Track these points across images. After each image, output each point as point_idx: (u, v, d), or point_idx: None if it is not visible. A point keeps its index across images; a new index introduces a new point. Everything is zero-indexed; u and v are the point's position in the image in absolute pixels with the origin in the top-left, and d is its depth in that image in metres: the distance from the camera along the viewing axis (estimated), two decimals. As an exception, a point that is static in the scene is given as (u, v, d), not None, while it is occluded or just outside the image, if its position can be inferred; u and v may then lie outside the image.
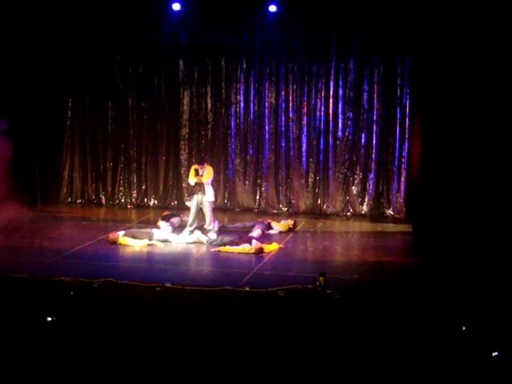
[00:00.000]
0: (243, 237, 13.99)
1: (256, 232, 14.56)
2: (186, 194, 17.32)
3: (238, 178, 17.59)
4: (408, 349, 8.06)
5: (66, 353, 7.12)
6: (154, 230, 14.32)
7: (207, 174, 14.46)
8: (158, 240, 14.01)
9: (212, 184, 14.76)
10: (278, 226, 15.28)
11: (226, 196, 17.64)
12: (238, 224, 15.59)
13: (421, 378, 7.48)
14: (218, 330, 8.71)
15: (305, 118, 17.24)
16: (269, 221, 15.41)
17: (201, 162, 14.75)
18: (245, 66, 17.30)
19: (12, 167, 16.37)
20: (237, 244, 13.66)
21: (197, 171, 14.48)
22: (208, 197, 14.43)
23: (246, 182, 17.59)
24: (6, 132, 16.26)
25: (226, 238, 13.99)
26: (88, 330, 8.13)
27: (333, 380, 7.35)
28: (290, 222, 15.54)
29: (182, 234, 14.39)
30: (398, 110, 16.78)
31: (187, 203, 15.99)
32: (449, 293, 10.46)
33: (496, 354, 7.78)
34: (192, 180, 14.53)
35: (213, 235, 14.25)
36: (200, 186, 14.43)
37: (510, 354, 7.89)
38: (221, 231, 14.74)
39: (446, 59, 12.62)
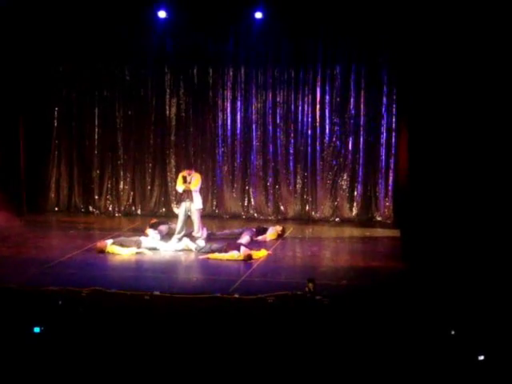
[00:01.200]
0: (232, 244, 13.96)
1: (244, 239, 14.54)
2: (174, 202, 17.29)
3: (226, 185, 17.58)
4: (398, 353, 8.06)
5: (55, 363, 7.08)
6: (142, 238, 14.27)
7: (195, 181, 14.44)
8: (147, 248, 13.97)
9: (200, 191, 14.75)
10: (267, 237, 15.19)
11: (214, 203, 17.62)
12: (227, 231, 15.57)
13: (411, 382, 7.48)
14: (208, 337, 8.68)
15: (292, 125, 17.26)
16: (257, 237, 15.21)
17: (189, 168, 14.75)
18: (231, 72, 17.29)
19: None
20: (225, 251, 13.63)
21: (185, 178, 14.45)
22: (196, 204, 14.41)
23: (234, 189, 17.58)
24: None
25: (215, 245, 13.97)
26: (77, 340, 8.08)
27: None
28: (279, 229, 15.50)
29: (171, 241, 14.36)
30: (385, 115, 16.82)
31: (175, 210, 15.93)
32: (438, 297, 10.46)
33: (482, 357, 7.78)
34: (180, 187, 14.51)
35: (201, 242, 14.22)
36: (188, 194, 14.41)
37: (497, 357, 7.90)
38: (209, 238, 14.72)
39: (432, 64, 12.66)
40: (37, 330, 8.23)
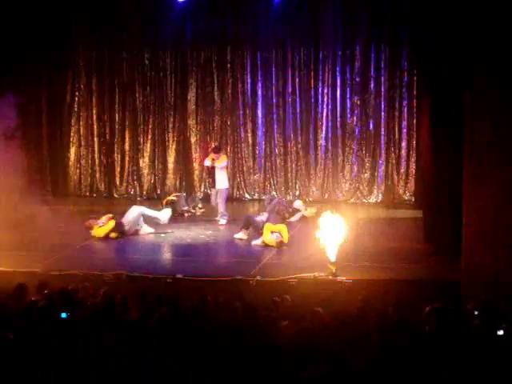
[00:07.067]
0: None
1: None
2: (200, 185, 17.46)
3: (247, 168, 17.59)
4: (417, 333, 8.03)
5: (78, 347, 7.13)
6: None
7: (221, 159, 14.71)
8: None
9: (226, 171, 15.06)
10: (306, 212, 15.25)
11: (236, 185, 17.62)
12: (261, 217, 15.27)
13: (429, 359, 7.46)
14: (230, 320, 8.69)
15: (312, 106, 17.21)
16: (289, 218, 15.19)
17: (216, 151, 14.89)
18: (251, 54, 17.27)
19: (21, 161, 16.35)
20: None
21: (213, 160, 14.80)
22: (219, 184, 14.56)
23: (255, 172, 17.59)
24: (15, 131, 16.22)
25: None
26: (99, 323, 8.13)
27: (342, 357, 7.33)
28: (313, 211, 15.38)
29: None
30: (406, 94, 16.72)
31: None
32: (460, 276, 10.41)
33: (501, 332, 7.70)
34: (208, 161, 14.85)
35: (222, 221, 14.33)
36: (212, 174, 14.72)
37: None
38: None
39: (454, 41, 12.50)
40: (64, 315, 8.26)
